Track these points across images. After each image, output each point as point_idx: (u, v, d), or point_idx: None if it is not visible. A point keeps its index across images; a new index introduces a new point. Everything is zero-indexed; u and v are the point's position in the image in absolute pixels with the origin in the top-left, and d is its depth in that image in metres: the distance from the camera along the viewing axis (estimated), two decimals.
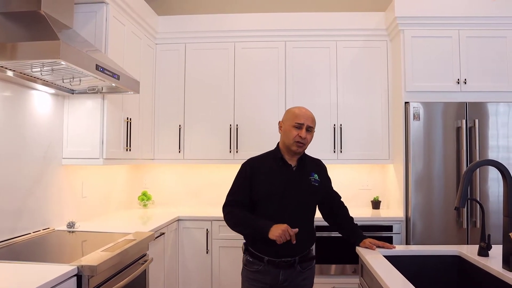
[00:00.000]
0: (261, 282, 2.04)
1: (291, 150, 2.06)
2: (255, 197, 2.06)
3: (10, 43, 1.85)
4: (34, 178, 2.52)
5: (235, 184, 2.13)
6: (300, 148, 2.05)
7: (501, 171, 1.77)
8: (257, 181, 2.06)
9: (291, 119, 2.06)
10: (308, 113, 2.08)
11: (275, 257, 2.01)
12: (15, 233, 2.35)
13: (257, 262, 2.04)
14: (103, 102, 2.79)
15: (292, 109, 2.13)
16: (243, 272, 2.13)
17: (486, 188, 3.20)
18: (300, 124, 2.03)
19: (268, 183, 2.05)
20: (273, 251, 2.00)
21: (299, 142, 2.03)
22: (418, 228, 3.22)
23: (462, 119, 3.21)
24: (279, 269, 2.02)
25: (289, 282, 2.04)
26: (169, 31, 3.79)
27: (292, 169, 2.10)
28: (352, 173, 3.95)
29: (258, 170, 2.08)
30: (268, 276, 2.02)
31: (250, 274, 2.07)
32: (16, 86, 2.35)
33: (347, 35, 3.70)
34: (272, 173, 2.08)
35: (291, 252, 2.02)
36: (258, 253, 2.04)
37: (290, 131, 2.04)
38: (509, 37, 3.34)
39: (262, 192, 2.05)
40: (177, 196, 4.06)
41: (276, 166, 2.09)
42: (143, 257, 2.45)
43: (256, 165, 2.11)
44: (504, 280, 1.69)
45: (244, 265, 2.12)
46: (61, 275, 1.67)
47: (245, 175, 2.09)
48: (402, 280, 1.61)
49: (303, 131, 2.03)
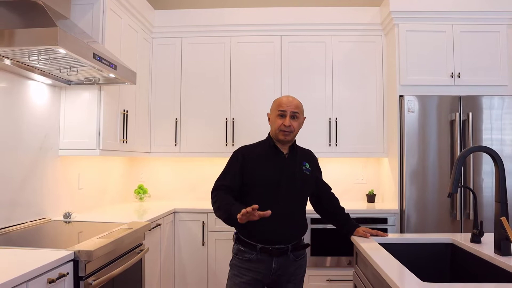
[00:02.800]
0: (254, 271, 1.99)
1: (278, 139, 2.06)
2: (248, 183, 2.02)
3: (8, 30, 1.86)
4: (30, 169, 2.53)
5: (224, 170, 2.10)
6: (287, 136, 2.04)
7: (493, 157, 1.80)
8: (250, 168, 2.03)
9: (275, 108, 2.07)
10: (291, 99, 2.07)
11: (268, 244, 1.97)
12: (11, 222, 2.35)
13: (249, 251, 1.99)
14: (100, 93, 2.80)
15: (276, 99, 2.13)
16: (234, 262, 2.06)
17: (479, 180, 3.23)
18: (283, 112, 2.03)
19: (262, 170, 2.03)
20: (266, 238, 1.97)
21: (284, 130, 2.02)
22: (412, 220, 3.25)
23: (456, 113, 3.25)
24: (272, 257, 1.98)
25: (282, 271, 2.01)
26: (165, 25, 3.81)
27: (285, 157, 2.09)
28: (347, 167, 3.98)
29: (251, 157, 2.05)
30: (261, 265, 1.98)
31: (242, 263, 2.01)
32: (13, 76, 2.36)
33: (343, 29, 3.73)
34: (266, 160, 2.06)
35: (284, 239, 2.00)
36: (250, 241, 1.99)
37: (275, 121, 2.05)
38: (502, 32, 3.39)
39: (256, 179, 2.02)
40: (173, 189, 4.08)
41: (269, 153, 2.08)
42: (139, 246, 2.46)
43: (249, 152, 2.08)
44: (496, 264, 1.72)
45: (235, 254, 2.06)
46: (58, 259, 1.69)
47: (237, 161, 2.06)
48: (397, 265, 1.63)
49: (286, 119, 2.02)
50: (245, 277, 2.00)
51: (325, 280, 3.30)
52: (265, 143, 2.14)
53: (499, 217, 1.77)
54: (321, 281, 3.31)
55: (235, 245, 2.08)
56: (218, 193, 2.01)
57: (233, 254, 2.08)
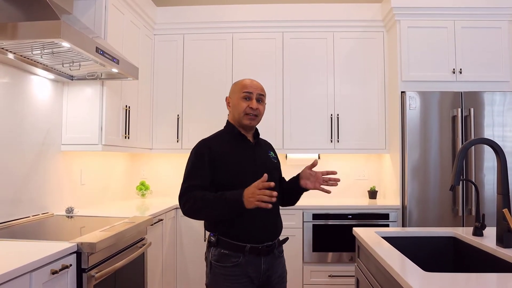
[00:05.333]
0: (243, 277, 1.72)
1: (243, 124, 1.84)
2: (223, 180, 1.76)
3: (11, 23, 1.87)
4: (33, 164, 2.54)
5: (191, 170, 1.79)
6: (252, 121, 1.83)
7: (495, 149, 1.80)
8: (220, 162, 1.77)
9: (239, 90, 1.85)
10: (256, 82, 1.88)
11: (257, 242, 1.74)
12: (14, 216, 2.36)
13: (234, 254, 1.72)
14: (102, 89, 2.80)
15: (238, 81, 1.91)
16: (216, 271, 1.74)
17: (481, 176, 3.23)
18: (249, 93, 1.82)
19: (235, 163, 1.80)
20: (255, 236, 1.75)
21: (250, 114, 1.81)
22: (414, 216, 3.25)
23: (457, 108, 3.25)
24: (260, 257, 1.75)
25: (271, 271, 1.80)
26: (167, 22, 3.82)
27: (253, 145, 1.89)
28: (348, 163, 3.98)
29: (218, 151, 1.79)
30: (250, 268, 1.73)
31: (228, 271, 1.72)
32: (16, 71, 2.37)
33: (344, 26, 3.73)
34: (236, 152, 1.83)
35: (272, 234, 1.82)
36: (236, 241, 1.72)
37: (239, 104, 1.82)
38: (504, 28, 3.39)
39: (231, 173, 1.77)
40: (175, 186, 4.04)
41: (237, 143, 1.86)
42: (141, 241, 2.47)
43: (213, 145, 1.81)
44: (498, 256, 1.72)
45: (216, 261, 1.74)
46: (61, 251, 1.69)
47: (202, 157, 1.78)
48: (400, 256, 1.63)
49: (253, 102, 1.82)
50: (236, 285, 1.72)
51: (327, 276, 3.31)
52: (227, 132, 1.89)
53: (501, 209, 1.77)
54: (323, 276, 3.31)
55: (213, 249, 1.76)
56: (192, 194, 1.71)
57: (212, 262, 1.76)
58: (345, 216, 3.33)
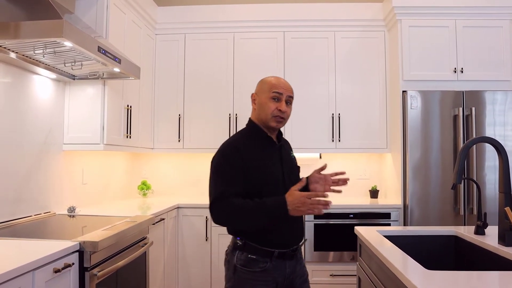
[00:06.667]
0: (269, 282, 1.68)
1: (269, 125, 1.75)
2: (252, 185, 1.67)
3: (13, 22, 1.87)
4: (34, 163, 2.54)
5: (223, 175, 1.67)
6: (279, 123, 1.75)
7: (496, 147, 1.80)
8: (250, 167, 1.68)
9: (268, 89, 1.75)
10: (286, 83, 1.78)
11: (285, 247, 1.70)
12: (16, 216, 2.37)
13: (262, 260, 1.66)
14: (104, 88, 2.81)
15: (267, 78, 1.81)
16: (241, 276, 1.68)
17: (482, 175, 3.23)
18: (279, 95, 1.73)
19: (264, 167, 1.72)
20: (283, 241, 1.70)
21: (278, 116, 1.73)
22: (415, 215, 3.25)
23: (459, 108, 3.25)
24: (285, 261, 1.71)
25: (294, 274, 1.76)
26: (168, 21, 3.82)
27: (279, 147, 1.82)
28: (350, 162, 3.98)
29: (248, 155, 1.69)
30: (277, 273, 1.69)
31: (253, 275, 1.66)
32: (18, 70, 2.37)
33: (345, 25, 3.73)
34: (264, 155, 1.75)
35: (299, 238, 1.78)
36: (265, 247, 1.66)
37: (266, 104, 1.74)
38: (505, 27, 3.39)
39: (263, 177, 1.70)
40: (177, 185, 4.09)
41: (264, 146, 1.78)
42: (143, 240, 2.47)
43: (242, 149, 1.70)
44: (500, 254, 1.72)
45: (242, 266, 1.67)
46: (64, 249, 1.70)
47: (235, 162, 1.66)
48: (401, 255, 1.64)
49: (282, 104, 1.73)
50: None
51: (328, 275, 3.31)
52: (253, 133, 1.80)
53: (503, 207, 1.77)
54: (324, 276, 3.31)
55: (239, 253, 1.69)
56: (229, 201, 1.61)
57: (237, 266, 1.69)
58: (346, 215, 3.33)
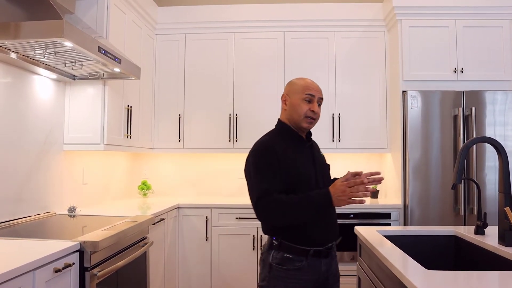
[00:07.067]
0: (303, 281, 1.69)
1: (301, 126, 1.80)
2: (289, 186, 1.69)
3: (14, 23, 1.87)
4: (35, 163, 2.55)
5: (265, 172, 1.69)
6: (311, 124, 1.80)
7: (496, 147, 1.80)
8: (286, 164, 1.70)
9: (301, 91, 1.79)
10: (317, 85, 1.84)
11: (321, 245, 1.72)
12: (16, 216, 2.37)
13: (298, 258, 1.68)
14: (104, 88, 2.81)
15: (298, 80, 1.85)
16: (276, 274, 1.70)
17: (482, 176, 3.23)
18: (311, 96, 1.78)
19: (299, 166, 1.74)
20: (319, 239, 1.72)
21: (310, 117, 1.78)
22: (415, 215, 3.25)
23: (459, 108, 3.25)
24: (320, 260, 1.72)
25: (328, 272, 1.77)
26: (169, 21, 3.83)
27: (310, 146, 1.86)
28: (350, 162, 3.98)
29: (283, 154, 1.72)
30: (313, 271, 1.71)
31: (289, 274, 1.68)
32: (18, 71, 2.37)
33: (346, 25, 3.74)
34: (298, 153, 1.78)
35: (335, 235, 1.80)
36: (300, 245, 1.69)
37: (299, 105, 1.78)
38: (505, 27, 3.39)
39: (298, 177, 1.72)
40: (177, 186, 4.09)
41: (296, 145, 1.81)
42: (143, 240, 2.48)
43: (277, 147, 1.73)
44: (500, 254, 1.72)
45: (278, 264, 1.70)
46: (64, 249, 1.70)
47: (273, 160, 1.69)
48: (401, 255, 1.64)
49: (315, 105, 1.78)
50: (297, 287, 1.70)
51: None
52: (285, 133, 1.83)
53: (503, 207, 1.77)
54: None
55: (275, 253, 1.71)
56: (273, 197, 1.63)
57: (273, 264, 1.71)
58: (346, 215, 3.33)
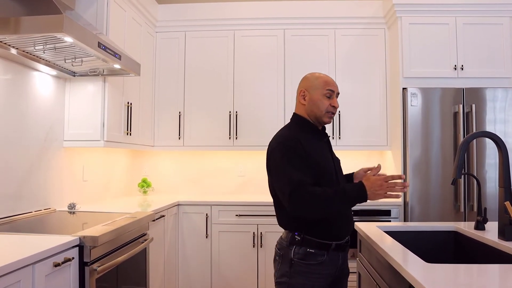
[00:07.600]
0: (323, 275, 1.72)
1: (322, 121, 1.81)
2: (313, 178, 1.69)
3: (14, 17, 1.87)
4: (35, 160, 2.55)
5: (295, 165, 1.67)
6: (330, 119, 1.82)
7: (496, 142, 1.80)
8: (311, 158, 1.71)
9: (321, 86, 1.79)
10: (334, 80, 1.85)
11: (341, 239, 1.75)
12: (16, 212, 2.37)
13: (320, 252, 1.70)
14: (104, 85, 2.81)
15: (317, 75, 1.84)
16: (296, 268, 1.71)
17: (483, 172, 3.23)
18: (331, 92, 1.79)
19: (321, 160, 1.76)
20: (340, 233, 1.75)
21: (331, 112, 1.80)
22: (416, 213, 3.25)
23: (459, 105, 3.25)
24: (339, 253, 1.75)
25: (344, 265, 1.81)
26: (169, 19, 3.83)
27: (328, 141, 1.91)
28: (350, 160, 3.97)
29: (307, 147, 1.72)
30: (332, 265, 1.74)
31: (311, 268, 1.70)
32: (18, 67, 2.37)
33: (346, 23, 3.73)
34: (318, 148, 1.79)
35: (351, 228, 1.84)
36: (323, 240, 1.71)
37: (320, 101, 1.78)
38: (506, 24, 3.38)
39: (320, 170, 1.73)
40: (177, 183, 4.09)
41: (316, 139, 1.82)
42: (143, 236, 2.47)
43: (302, 140, 1.73)
44: (500, 249, 1.72)
45: (301, 259, 1.70)
46: (64, 244, 1.70)
47: (302, 151, 1.70)
48: (401, 249, 1.64)
49: (335, 100, 1.81)
50: (318, 283, 1.72)
51: None
52: (304, 127, 1.83)
53: (503, 202, 1.77)
54: None
55: (297, 248, 1.72)
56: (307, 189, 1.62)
57: (295, 260, 1.72)
58: None
